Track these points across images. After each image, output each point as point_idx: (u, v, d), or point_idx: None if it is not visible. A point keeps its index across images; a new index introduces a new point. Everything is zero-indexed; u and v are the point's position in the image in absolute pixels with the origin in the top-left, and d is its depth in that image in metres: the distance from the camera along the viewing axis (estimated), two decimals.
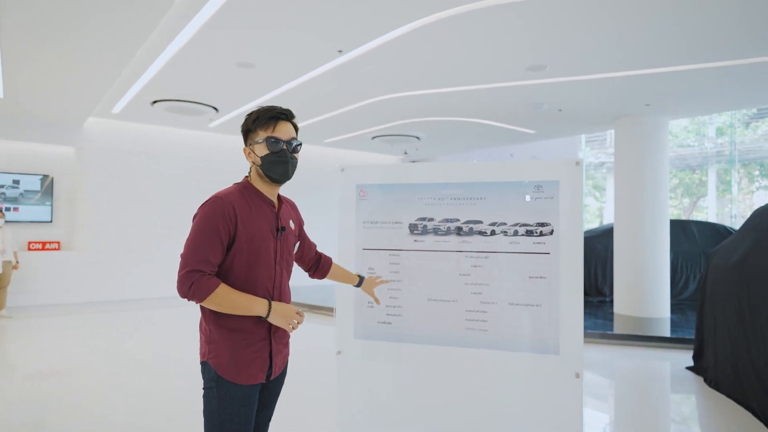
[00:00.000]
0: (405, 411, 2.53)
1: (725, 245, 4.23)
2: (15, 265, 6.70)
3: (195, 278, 1.44)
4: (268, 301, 1.54)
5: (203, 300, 1.46)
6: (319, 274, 2.03)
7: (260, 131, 1.60)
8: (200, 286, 1.44)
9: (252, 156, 1.63)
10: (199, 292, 1.44)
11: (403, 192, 2.56)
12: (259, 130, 1.61)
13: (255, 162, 1.62)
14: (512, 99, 6.25)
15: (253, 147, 1.62)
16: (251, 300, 1.52)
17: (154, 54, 4.79)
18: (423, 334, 2.51)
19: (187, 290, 1.44)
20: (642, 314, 6.73)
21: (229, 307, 1.49)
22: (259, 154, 1.60)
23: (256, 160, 1.62)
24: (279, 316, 1.54)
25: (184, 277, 1.44)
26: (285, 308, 1.56)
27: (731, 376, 3.74)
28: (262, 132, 1.60)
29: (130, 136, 8.11)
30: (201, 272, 1.45)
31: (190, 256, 1.46)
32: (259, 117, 1.61)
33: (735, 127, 14.73)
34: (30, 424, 3.23)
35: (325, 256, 2.05)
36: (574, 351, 2.29)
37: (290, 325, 1.56)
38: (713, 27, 3.99)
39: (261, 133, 1.60)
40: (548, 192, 2.36)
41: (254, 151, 1.62)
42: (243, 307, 1.50)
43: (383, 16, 3.91)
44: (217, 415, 1.52)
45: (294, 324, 1.57)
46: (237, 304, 1.49)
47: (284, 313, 1.55)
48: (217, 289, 1.47)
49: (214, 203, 1.52)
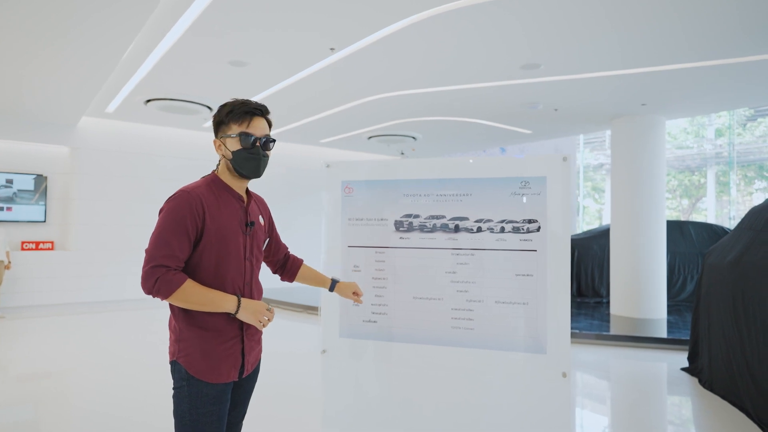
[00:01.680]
0: (391, 410, 2.49)
1: (721, 245, 4.19)
2: (7, 266, 6.67)
3: (160, 273, 1.39)
4: (237, 298, 1.50)
5: (169, 296, 1.41)
6: (287, 276, 1.95)
7: (233, 125, 1.56)
8: (165, 282, 1.39)
9: (223, 149, 1.58)
10: (165, 288, 1.39)
11: (388, 188, 2.53)
12: (233, 124, 1.56)
13: (225, 155, 1.58)
14: (507, 98, 6.21)
15: (225, 140, 1.57)
16: (219, 296, 1.47)
17: (146, 52, 4.76)
18: (409, 333, 2.47)
19: (152, 286, 1.39)
20: (639, 315, 6.68)
21: (197, 303, 1.44)
22: (231, 148, 1.56)
23: (226, 153, 1.57)
24: (249, 313, 1.50)
25: (149, 273, 1.39)
26: (254, 305, 1.51)
27: (725, 377, 3.69)
28: (235, 126, 1.56)
29: (125, 135, 8.08)
30: (166, 267, 1.40)
31: (156, 251, 1.41)
32: (233, 110, 1.56)
33: (734, 128, 14.70)
34: (23, 425, 3.19)
35: (294, 257, 1.98)
36: (561, 350, 2.25)
37: (260, 322, 1.51)
38: (711, 24, 3.95)
39: (234, 127, 1.56)
40: (535, 188, 2.32)
41: (225, 145, 1.57)
42: (211, 303, 1.45)
43: (375, 13, 3.87)
44: (188, 414, 1.48)
45: (264, 321, 1.52)
46: (205, 301, 1.45)
47: (254, 309, 1.50)
48: (183, 285, 1.42)
49: (180, 197, 1.47)
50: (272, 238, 1.84)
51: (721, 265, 3.88)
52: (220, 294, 1.48)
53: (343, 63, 4.97)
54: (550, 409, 2.24)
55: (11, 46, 4.40)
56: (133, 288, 8.07)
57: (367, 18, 3.96)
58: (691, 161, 16.39)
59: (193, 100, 6.46)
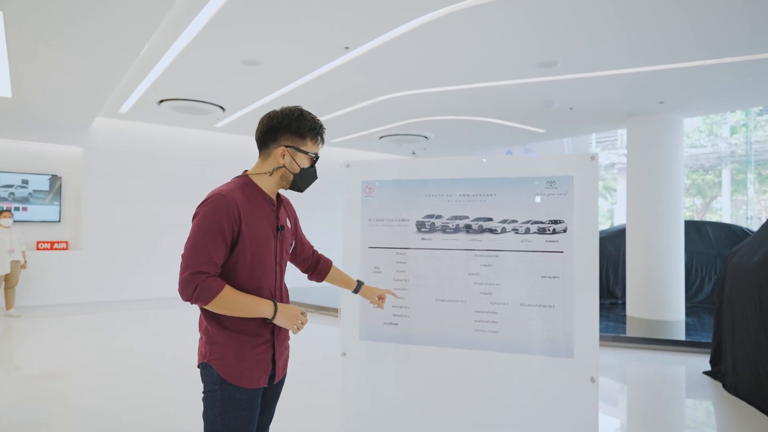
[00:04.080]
0: (411, 415, 2.44)
1: (745, 245, 4.09)
2: (23, 265, 6.72)
3: (199, 280, 1.36)
4: (274, 302, 1.48)
5: (208, 303, 1.38)
6: (317, 276, 1.94)
7: (310, 142, 1.57)
8: (205, 288, 1.36)
9: (288, 160, 1.55)
10: (204, 295, 1.36)
11: (410, 188, 2.48)
12: (309, 141, 1.57)
13: (290, 168, 1.55)
14: (522, 97, 6.14)
15: (296, 154, 1.55)
16: (257, 302, 1.45)
17: (160, 53, 4.76)
18: (430, 336, 2.42)
19: (191, 293, 1.36)
20: (655, 317, 6.57)
21: (236, 309, 1.42)
22: (301, 164, 1.56)
23: (292, 167, 1.55)
24: (285, 318, 1.48)
25: (187, 280, 1.36)
26: (290, 309, 1.50)
27: (752, 381, 3.59)
28: (311, 144, 1.57)
29: (138, 136, 8.11)
30: (206, 274, 1.37)
31: (193, 257, 1.38)
32: (315, 129, 1.56)
33: (750, 127, 14.43)
34: (35, 424, 3.19)
35: (325, 258, 1.97)
36: (589, 354, 2.19)
37: (295, 326, 1.50)
38: (729, 21, 3.86)
39: (311, 144, 1.57)
40: (561, 188, 2.26)
41: (295, 159, 1.55)
42: (249, 309, 1.43)
43: (390, 11, 3.83)
44: (219, 419, 1.45)
45: (299, 325, 1.50)
46: (244, 307, 1.43)
47: (290, 314, 1.49)
48: (222, 292, 1.39)
49: (217, 200, 1.43)
50: (296, 238, 1.81)
51: (747, 266, 3.79)
52: (257, 299, 1.46)
53: (358, 62, 4.93)
54: (577, 415, 2.18)
55: (28, 48, 4.42)
56: (147, 287, 8.11)
57: (383, 15, 3.92)
58: (705, 160, 16.14)
59: (206, 100, 6.47)
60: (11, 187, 7.39)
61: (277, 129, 1.54)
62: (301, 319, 1.50)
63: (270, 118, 1.55)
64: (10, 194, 7.37)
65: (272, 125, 1.54)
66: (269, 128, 1.54)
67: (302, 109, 1.57)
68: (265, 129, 1.55)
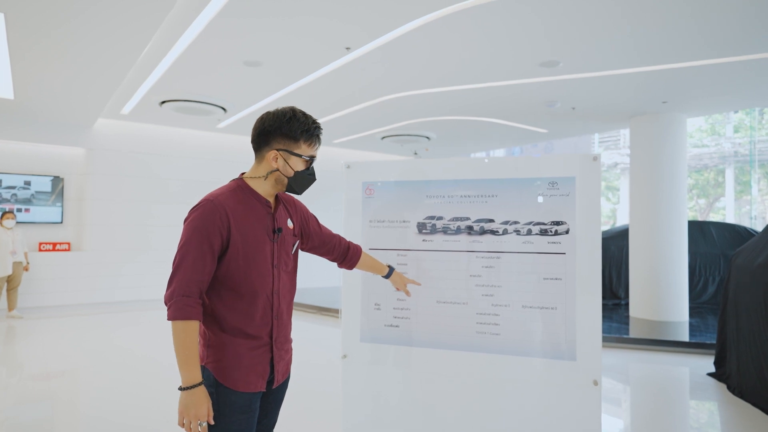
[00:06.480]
0: (413, 417, 2.43)
1: (749, 246, 4.06)
2: (25, 266, 6.73)
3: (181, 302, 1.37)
4: (200, 383, 1.37)
5: (171, 320, 1.37)
6: (347, 264, 1.94)
7: (304, 145, 1.52)
8: (178, 308, 1.36)
9: (281, 163, 1.51)
10: (172, 312, 1.36)
11: (411, 190, 2.46)
12: (303, 143, 1.51)
13: (284, 172, 1.51)
14: (525, 97, 6.11)
15: (289, 157, 1.51)
16: (190, 363, 1.36)
17: (161, 54, 4.75)
18: (432, 338, 2.40)
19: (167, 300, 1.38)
20: (659, 318, 6.53)
21: (178, 345, 1.37)
22: (295, 167, 1.51)
23: (286, 170, 1.51)
24: (185, 406, 1.36)
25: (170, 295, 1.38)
26: (198, 404, 1.35)
27: (757, 383, 3.57)
28: (306, 147, 1.52)
29: (140, 137, 8.12)
30: (189, 297, 1.37)
31: (181, 274, 1.38)
32: (309, 131, 1.51)
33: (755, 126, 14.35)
34: (38, 424, 3.19)
35: (354, 245, 1.96)
36: (591, 357, 2.17)
37: (185, 421, 1.36)
38: (733, 19, 3.83)
39: (305, 147, 1.52)
40: (564, 189, 2.24)
41: (288, 162, 1.51)
42: (182, 358, 1.37)
43: (392, 13, 3.81)
44: (216, 421, 1.44)
45: (187, 424, 1.36)
46: (181, 352, 1.36)
47: (193, 406, 1.35)
48: (188, 322, 1.36)
49: (205, 207, 1.43)
50: (311, 232, 1.76)
51: (751, 267, 3.76)
52: (192, 361, 1.37)
53: (359, 63, 4.92)
54: (580, 418, 2.16)
55: (30, 50, 4.42)
56: (147, 288, 8.11)
57: (384, 16, 3.91)
58: (708, 160, 16.06)
59: (208, 101, 6.46)
60: (14, 188, 7.41)
61: (269, 132, 1.50)
62: (195, 422, 1.35)
63: (262, 120, 1.52)
64: (12, 195, 7.39)
65: (263, 128, 1.50)
66: (261, 131, 1.51)
67: (295, 110, 1.51)
68: (258, 132, 1.52)
